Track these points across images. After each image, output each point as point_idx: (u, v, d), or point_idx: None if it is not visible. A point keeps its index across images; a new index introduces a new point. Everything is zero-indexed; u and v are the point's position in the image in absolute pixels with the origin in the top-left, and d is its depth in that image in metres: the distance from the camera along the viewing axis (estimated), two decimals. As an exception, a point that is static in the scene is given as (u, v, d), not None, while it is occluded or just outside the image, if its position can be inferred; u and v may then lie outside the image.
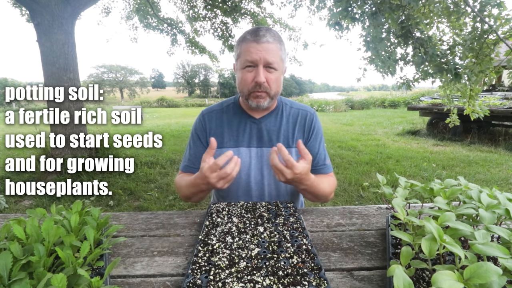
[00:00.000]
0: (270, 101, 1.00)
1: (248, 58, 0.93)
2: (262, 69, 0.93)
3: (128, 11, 7.27)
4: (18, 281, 0.45)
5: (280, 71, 0.98)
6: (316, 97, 30.16)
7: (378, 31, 3.02)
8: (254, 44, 0.92)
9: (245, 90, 0.98)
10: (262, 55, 0.92)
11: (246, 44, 0.94)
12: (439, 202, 0.64)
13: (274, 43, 0.94)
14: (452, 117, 4.21)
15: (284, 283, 0.52)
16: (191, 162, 1.10)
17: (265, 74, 0.94)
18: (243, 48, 0.95)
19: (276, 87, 0.98)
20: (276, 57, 0.94)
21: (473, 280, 0.38)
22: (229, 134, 1.06)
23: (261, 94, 0.97)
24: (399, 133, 7.85)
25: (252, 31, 0.95)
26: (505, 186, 3.69)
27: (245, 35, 0.96)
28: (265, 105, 0.99)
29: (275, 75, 0.96)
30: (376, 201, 3.27)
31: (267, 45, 0.92)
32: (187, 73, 53.46)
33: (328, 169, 1.11)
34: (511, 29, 2.95)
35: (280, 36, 0.98)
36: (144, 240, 0.77)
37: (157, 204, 3.30)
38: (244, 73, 0.96)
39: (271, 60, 0.93)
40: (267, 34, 0.93)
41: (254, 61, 0.93)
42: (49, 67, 4.12)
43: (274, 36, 0.95)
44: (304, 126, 1.08)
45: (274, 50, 0.93)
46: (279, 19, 7.17)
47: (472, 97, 3.45)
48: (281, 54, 0.97)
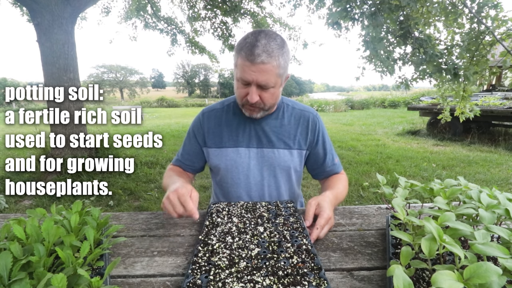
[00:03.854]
0: (264, 112, 1.00)
1: (242, 77, 0.89)
2: (255, 89, 0.90)
3: (127, 11, 7.27)
4: (18, 281, 0.45)
5: (277, 86, 0.93)
6: (316, 97, 30.16)
7: (378, 31, 3.03)
8: (248, 64, 0.86)
9: (239, 100, 0.98)
10: (256, 76, 0.87)
11: (241, 59, 0.88)
12: (439, 202, 0.64)
13: (270, 63, 0.86)
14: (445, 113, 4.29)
15: (284, 283, 0.52)
16: (183, 158, 1.13)
17: (258, 92, 0.91)
18: (239, 61, 0.89)
19: (271, 101, 0.95)
20: (271, 77, 0.88)
21: (473, 280, 0.38)
22: (228, 134, 1.06)
23: (254, 109, 0.96)
24: (399, 133, 7.85)
25: (249, 46, 0.86)
26: (505, 186, 3.69)
27: (242, 47, 0.87)
28: (259, 116, 0.99)
29: (270, 92, 0.92)
30: (376, 201, 3.27)
31: (261, 66, 0.85)
32: (187, 73, 53.45)
33: (338, 168, 1.13)
34: (507, 30, 2.97)
35: (280, 47, 0.89)
36: (144, 240, 0.77)
37: (157, 204, 3.30)
38: (239, 87, 0.93)
39: (264, 82, 0.88)
40: (263, 53, 0.85)
41: (247, 81, 0.89)
42: (49, 67, 4.12)
43: (272, 53, 0.86)
44: (308, 128, 1.07)
45: (269, 71, 0.87)
46: (278, 19, 7.17)
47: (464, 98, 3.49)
48: (279, 71, 0.89)
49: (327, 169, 1.11)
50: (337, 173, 1.13)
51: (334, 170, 1.12)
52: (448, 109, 4.25)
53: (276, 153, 1.05)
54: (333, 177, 1.11)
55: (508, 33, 2.96)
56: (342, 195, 1.01)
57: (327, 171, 1.12)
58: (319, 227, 0.75)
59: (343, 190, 1.04)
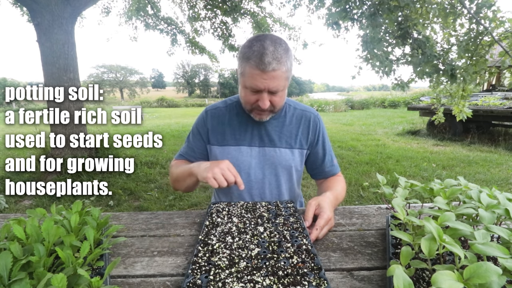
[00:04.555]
0: (273, 115, 1.02)
1: (252, 86, 0.90)
2: (266, 96, 0.91)
3: (127, 11, 7.27)
4: (18, 281, 0.45)
5: (285, 89, 0.95)
6: (316, 97, 30.15)
7: (376, 32, 3.04)
8: (259, 72, 0.86)
9: (247, 106, 0.98)
10: (267, 84, 0.88)
11: (250, 68, 0.87)
12: (439, 202, 0.64)
13: (280, 69, 0.87)
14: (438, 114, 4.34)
15: (284, 283, 0.52)
16: (187, 154, 1.14)
17: (269, 97, 0.92)
18: (247, 70, 0.89)
19: (280, 104, 0.97)
20: (281, 82, 0.90)
21: (472, 280, 0.38)
22: (230, 132, 1.07)
23: (264, 113, 0.98)
24: (399, 133, 7.85)
25: (257, 54, 0.86)
26: (505, 186, 3.69)
27: (250, 56, 0.87)
28: (268, 119, 1.01)
29: (279, 95, 0.94)
30: (376, 201, 3.27)
31: (272, 73, 0.86)
32: (187, 73, 53.45)
33: (336, 169, 1.15)
34: (505, 31, 2.99)
35: (286, 51, 0.89)
36: (144, 240, 0.77)
37: (157, 204, 3.30)
38: (248, 94, 0.93)
39: (276, 88, 0.90)
40: (273, 61, 0.85)
41: (259, 89, 0.90)
42: (49, 67, 4.12)
43: (281, 59, 0.87)
44: (309, 128, 1.09)
45: (279, 77, 0.88)
46: (278, 19, 7.17)
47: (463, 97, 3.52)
48: (287, 75, 0.91)
49: (326, 169, 1.13)
50: (334, 174, 1.15)
51: (332, 171, 1.14)
52: (442, 110, 4.30)
53: (278, 152, 1.06)
54: (332, 179, 1.13)
55: (506, 34, 2.98)
56: (341, 196, 1.02)
57: (326, 171, 1.13)
58: (318, 228, 0.75)
59: (342, 192, 1.05)
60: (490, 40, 3.03)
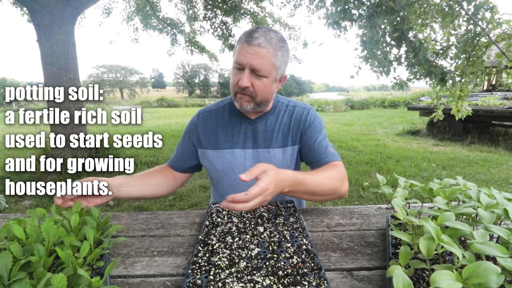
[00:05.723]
0: (255, 107, 0.95)
1: (237, 60, 0.89)
2: (247, 73, 0.88)
3: (128, 12, 7.27)
4: (18, 281, 0.45)
5: (271, 78, 0.91)
6: (316, 97, 30.13)
7: (374, 33, 3.06)
8: (245, 46, 0.86)
9: (232, 89, 0.96)
10: (250, 59, 0.86)
11: (239, 43, 0.89)
12: (439, 202, 0.64)
13: (267, 48, 0.86)
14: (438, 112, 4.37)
15: (284, 283, 0.52)
16: (176, 159, 1.15)
17: (251, 79, 0.89)
18: (237, 47, 0.90)
19: (263, 94, 0.93)
20: (265, 63, 0.87)
21: (471, 280, 0.38)
22: (224, 135, 1.05)
23: (245, 97, 0.92)
24: (399, 133, 7.85)
25: (249, 30, 0.89)
26: (505, 186, 3.69)
27: (242, 35, 0.91)
28: (249, 109, 0.95)
29: (263, 83, 0.90)
30: (376, 201, 3.27)
31: (257, 49, 0.85)
32: (187, 73, 53.45)
33: (332, 157, 1.00)
34: (502, 32, 3.01)
35: (280, 40, 0.89)
36: (144, 240, 0.77)
37: (157, 204, 3.30)
38: (233, 73, 0.93)
39: (258, 67, 0.86)
40: (261, 37, 0.85)
41: (242, 64, 0.88)
42: (49, 67, 4.12)
43: (271, 40, 0.86)
44: (300, 121, 1.05)
45: (265, 56, 0.86)
46: (278, 19, 7.18)
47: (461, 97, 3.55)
48: (275, 61, 0.88)
49: (319, 155, 1.01)
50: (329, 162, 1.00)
51: (326, 158, 0.99)
52: (442, 108, 4.32)
53: (272, 153, 1.04)
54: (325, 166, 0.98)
55: (503, 35, 3.00)
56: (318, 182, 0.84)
57: (319, 159, 1.01)
58: (248, 194, 0.64)
59: (325, 179, 0.87)
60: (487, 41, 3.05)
